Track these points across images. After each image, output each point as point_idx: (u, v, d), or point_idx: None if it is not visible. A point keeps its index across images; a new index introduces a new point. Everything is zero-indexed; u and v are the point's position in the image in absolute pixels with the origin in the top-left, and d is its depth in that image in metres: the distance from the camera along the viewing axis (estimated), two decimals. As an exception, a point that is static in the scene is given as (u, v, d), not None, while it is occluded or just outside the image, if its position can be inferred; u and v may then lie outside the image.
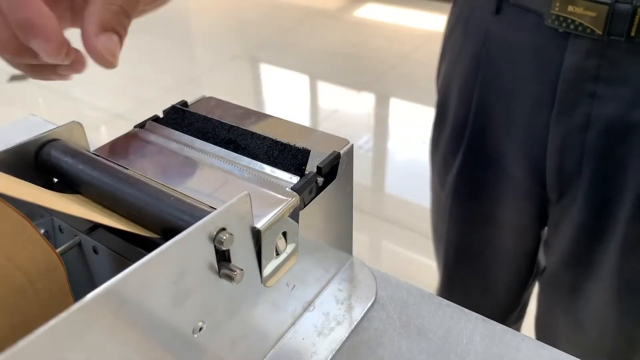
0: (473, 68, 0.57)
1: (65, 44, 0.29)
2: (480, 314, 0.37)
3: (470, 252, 0.69)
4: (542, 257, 0.67)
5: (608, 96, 0.47)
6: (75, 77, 0.33)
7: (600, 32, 0.44)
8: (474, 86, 0.57)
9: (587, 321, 0.59)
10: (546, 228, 0.62)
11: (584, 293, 0.58)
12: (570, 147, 0.51)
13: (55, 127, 0.31)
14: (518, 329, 0.79)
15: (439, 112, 0.66)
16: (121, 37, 0.30)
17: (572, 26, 0.45)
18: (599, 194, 0.52)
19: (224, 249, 0.25)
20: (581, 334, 0.60)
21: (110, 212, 0.27)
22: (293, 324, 0.35)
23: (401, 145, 1.99)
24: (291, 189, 0.30)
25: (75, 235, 0.30)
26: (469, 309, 0.37)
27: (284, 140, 0.32)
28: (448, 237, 0.69)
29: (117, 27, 0.30)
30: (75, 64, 0.31)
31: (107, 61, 0.30)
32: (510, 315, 0.74)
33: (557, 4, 0.45)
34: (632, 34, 0.43)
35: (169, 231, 0.26)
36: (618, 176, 0.50)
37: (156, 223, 0.26)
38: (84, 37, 0.30)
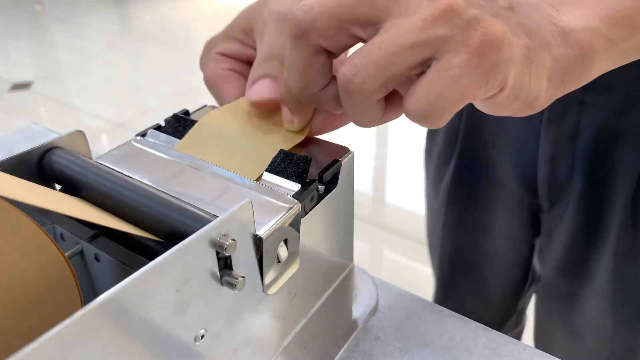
0: None
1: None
2: (476, 321, 0.37)
3: (465, 261, 0.69)
4: (537, 266, 0.67)
5: (596, 104, 0.48)
6: (77, 86, 0.33)
7: None
8: None
9: (583, 329, 0.59)
10: (540, 237, 0.62)
11: (580, 301, 0.58)
12: (561, 155, 0.51)
13: (57, 135, 0.32)
14: (518, 334, 0.79)
15: None
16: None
17: None
18: (591, 201, 0.52)
19: (226, 254, 0.25)
20: (578, 342, 0.60)
21: (113, 217, 0.28)
22: (294, 332, 0.35)
23: (402, 154, 1.99)
24: (292, 196, 0.30)
25: (77, 243, 0.30)
26: (465, 316, 0.37)
27: (285, 148, 0.32)
28: (442, 245, 0.70)
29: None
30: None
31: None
32: (506, 323, 0.74)
33: None
34: None
35: (171, 238, 0.26)
36: (609, 183, 0.50)
37: (159, 230, 0.27)
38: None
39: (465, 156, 0.60)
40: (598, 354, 0.59)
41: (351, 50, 0.26)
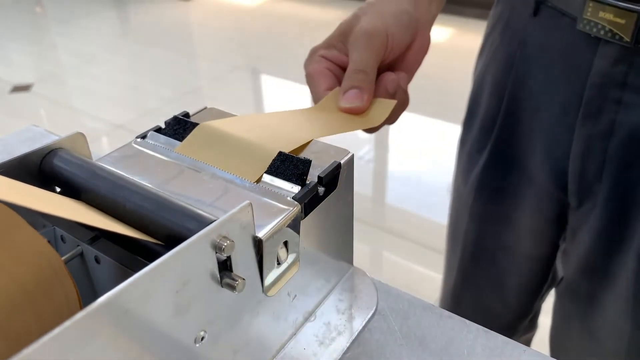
0: (507, 67, 0.58)
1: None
2: (492, 318, 0.37)
3: (486, 253, 0.69)
4: (559, 268, 0.67)
5: (634, 104, 0.48)
6: (77, 88, 0.34)
7: (628, 39, 0.45)
8: (506, 85, 0.58)
9: (601, 331, 0.59)
10: (564, 237, 0.62)
11: (600, 303, 0.58)
12: (593, 153, 0.51)
13: (58, 137, 0.32)
14: (529, 340, 0.78)
15: (470, 109, 0.67)
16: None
17: (602, 32, 0.46)
18: (619, 201, 0.52)
19: (225, 255, 0.25)
20: (595, 344, 0.60)
21: (113, 220, 0.28)
22: (294, 333, 0.35)
23: (401, 156, 1.99)
24: (292, 198, 0.30)
25: (77, 245, 0.30)
26: (481, 311, 0.37)
27: (285, 150, 0.32)
28: (466, 234, 0.70)
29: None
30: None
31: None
32: (520, 324, 0.74)
33: (590, 9, 0.46)
34: None
35: (171, 239, 0.26)
36: (638, 184, 0.50)
37: (159, 231, 0.27)
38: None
39: (499, 146, 0.61)
40: (614, 357, 0.59)
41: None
